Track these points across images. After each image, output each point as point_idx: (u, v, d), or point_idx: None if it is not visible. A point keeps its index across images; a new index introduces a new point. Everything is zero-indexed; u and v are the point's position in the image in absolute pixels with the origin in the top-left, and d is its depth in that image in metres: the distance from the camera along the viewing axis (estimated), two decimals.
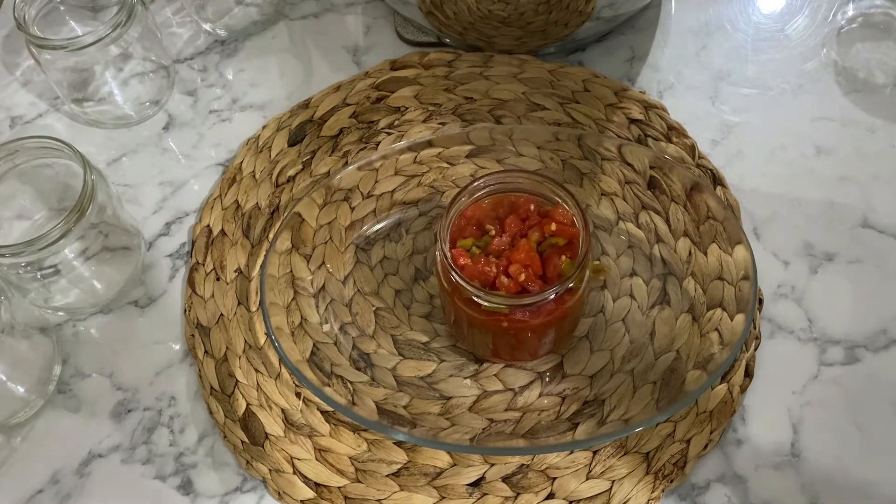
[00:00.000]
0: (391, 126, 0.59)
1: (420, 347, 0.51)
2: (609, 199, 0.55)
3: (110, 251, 0.54)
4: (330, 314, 0.52)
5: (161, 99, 0.62)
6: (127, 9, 0.55)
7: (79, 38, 0.54)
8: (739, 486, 0.47)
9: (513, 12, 0.57)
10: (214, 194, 0.57)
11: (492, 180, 0.48)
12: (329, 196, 0.55)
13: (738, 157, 0.58)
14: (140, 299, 0.55)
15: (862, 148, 0.58)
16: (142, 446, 0.50)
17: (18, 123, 0.62)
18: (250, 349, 0.51)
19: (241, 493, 0.48)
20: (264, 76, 0.64)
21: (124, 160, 0.60)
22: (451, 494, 0.47)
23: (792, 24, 0.64)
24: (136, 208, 0.58)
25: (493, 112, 0.59)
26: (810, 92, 0.60)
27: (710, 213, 0.52)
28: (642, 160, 0.55)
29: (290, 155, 0.58)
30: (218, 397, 0.50)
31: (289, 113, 0.61)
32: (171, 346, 0.53)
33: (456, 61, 0.62)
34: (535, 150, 0.56)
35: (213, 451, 0.50)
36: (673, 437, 0.48)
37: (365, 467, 0.48)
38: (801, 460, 0.48)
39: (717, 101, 0.60)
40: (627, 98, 0.59)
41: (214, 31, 0.65)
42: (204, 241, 0.55)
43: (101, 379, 0.52)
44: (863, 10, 0.64)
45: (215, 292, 0.53)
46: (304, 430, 0.49)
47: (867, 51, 0.62)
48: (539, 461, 0.48)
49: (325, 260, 0.54)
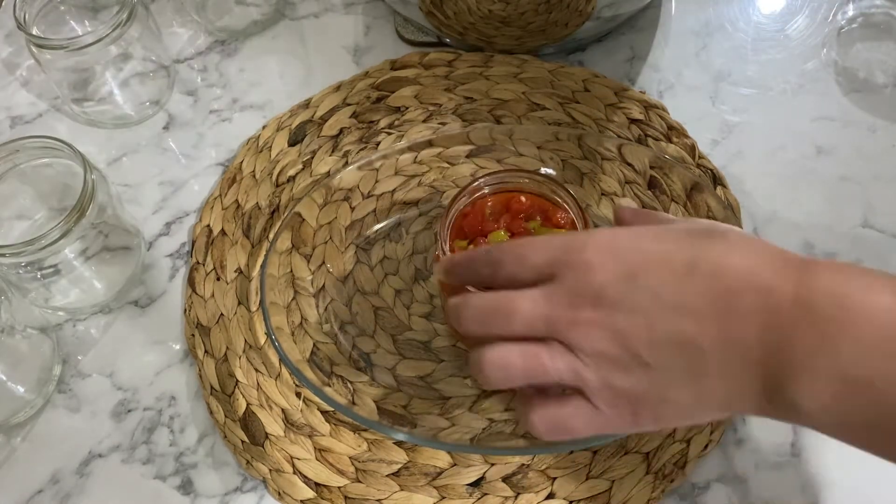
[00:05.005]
0: (391, 126, 0.59)
1: (420, 347, 0.51)
2: (609, 199, 0.55)
3: (110, 251, 0.54)
4: (330, 314, 0.52)
5: (161, 99, 0.62)
6: (127, 9, 0.55)
7: (79, 38, 0.54)
8: (739, 486, 0.47)
9: (513, 12, 0.57)
10: (214, 194, 0.57)
11: (492, 180, 0.48)
12: (329, 196, 0.55)
13: (739, 157, 0.58)
14: (140, 299, 0.55)
15: (862, 148, 0.58)
16: (142, 446, 0.50)
17: (18, 123, 0.62)
18: (250, 349, 0.51)
19: (241, 493, 0.48)
20: (264, 76, 0.64)
21: (124, 160, 0.60)
22: (452, 494, 0.47)
23: (792, 24, 0.64)
24: (136, 208, 0.58)
25: (493, 112, 0.59)
26: (810, 92, 0.60)
27: (710, 213, 0.52)
28: (642, 160, 0.55)
29: (290, 155, 0.58)
30: (218, 397, 0.50)
31: (289, 113, 0.61)
32: (171, 346, 0.53)
33: (456, 61, 0.62)
34: (536, 150, 0.56)
35: (213, 451, 0.50)
36: (673, 437, 0.48)
37: (365, 467, 0.48)
38: (801, 460, 0.48)
39: (718, 101, 0.60)
40: (627, 98, 0.59)
41: (214, 31, 0.65)
42: (204, 240, 0.55)
43: (101, 379, 0.52)
44: (863, 9, 0.64)
45: (215, 292, 0.53)
46: (305, 430, 0.49)
47: (867, 51, 0.62)
48: (539, 461, 0.48)
49: (325, 260, 0.54)
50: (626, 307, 0.33)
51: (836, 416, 0.31)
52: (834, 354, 0.30)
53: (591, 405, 0.35)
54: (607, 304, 0.34)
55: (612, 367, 0.34)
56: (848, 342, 0.30)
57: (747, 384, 0.32)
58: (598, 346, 0.34)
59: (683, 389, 0.33)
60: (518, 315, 0.35)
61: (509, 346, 0.36)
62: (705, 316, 0.32)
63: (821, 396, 0.31)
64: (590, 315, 0.34)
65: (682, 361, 0.33)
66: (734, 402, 0.33)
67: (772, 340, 0.31)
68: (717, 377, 0.33)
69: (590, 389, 0.35)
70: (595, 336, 0.34)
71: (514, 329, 0.36)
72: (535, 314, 0.35)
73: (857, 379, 0.30)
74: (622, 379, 0.34)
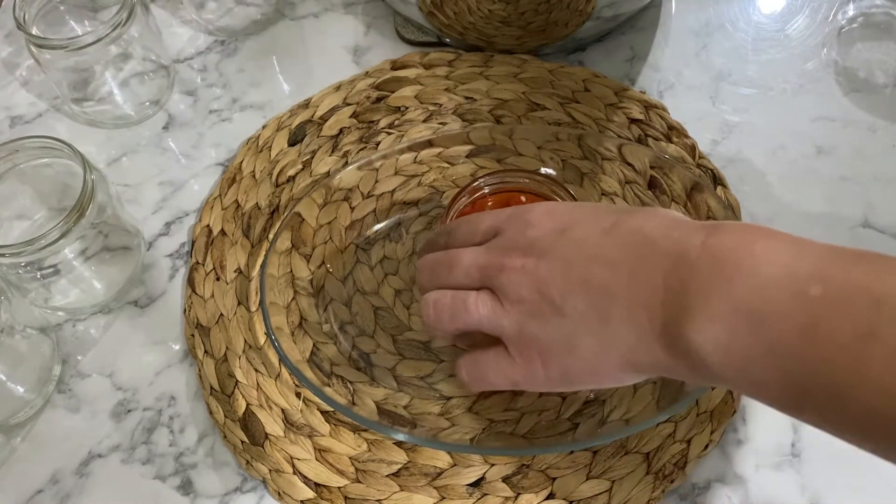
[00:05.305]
0: (391, 126, 0.59)
1: (420, 347, 0.51)
2: (609, 199, 0.55)
3: (110, 251, 0.54)
4: (330, 314, 0.52)
5: (161, 99, 0.62)
6: (127, 9, 0.55)
7: (79, 37, 0.54)
8: (740, 486, 0.47)
9: (513, 12, 0.57)
10: (214, 194, 0.57)
11: (492, 180, 0.48)
12: (329, 196, 0.55)
13: (739, 157, 0.58)
14: (140, 299, 0.55)
15: (862, 148, 0.58)
16: (142, 446, 0.50)
17: (18, 123, 0.62)
18: (250, 349, 0.51)
19: (241, 493, 0.48)
20: (264, 76, 0.64)
21: (124, 160, 0.60)
22: (452, 494, 0.47)
23: (792, 23, 0.64)
24: (136, 208, 0.58)
25: (493, 112, 0.59)
26: (811, 92, 0.60)
27: (710, 213, 0.52)
28: (642, 160, 0.55)
29: (290, 155, 0.58)
30: (218, 397, 0.50)
31: (289, 113, 0.61)
32: (171, 346, 0.53)
33: (456, 61, 0.62)
34: (536, 150, 0.56)
35: (213, 451, 0.50)
36: (673, 437, 0.48)
37: (365, 467, 0.48)
38: (801, 460, 0.48)
39: (718, 100, 0.60)
40: (628, 98, 0.59)
41: (214, 31, 0.65)
42: (204, 240, 0.55)
43: (101, 379, 0.52)
44: (863, 9, 0.64)
45: (215, 292, 0.53)
46: (304, 430, 0.49)
47: (868, 51, 0.62)
48: (539, 461, 0.48)
49: (325, 260, 0.54)
50: (550, 256, 0.37)
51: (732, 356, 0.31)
52: (728, 290, 0.31)
53: (507, 355, 0.38)
54: (535, 253, 0.37)
55: (529, 315, 0.37)
56: (741, 279, 0.31)
57: (649, 329, 0.34)
58: (520, 291, 0.37)
59: (590, 337, 0.35)
60: (459, 265, 0.40)
61: (444, 291, 0.40)
62: (619, 264, 0.35)
63: (715, 332, 0.31)
64: (518, 262, 0.37)
65: (592, 306, 0.35)
66: (636, 351, 0.34)
67: (674, 284, 0.33)
68: (622, 321, 0.34)
69: (506, 336, 0.38)
70: (518, 281, 0.37)
71: (454, 277, 0.40)
72: (473, 263, 0.39)
73: (750, 312, 0.31)
74: (535, 326, 0.37)
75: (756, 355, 0.31)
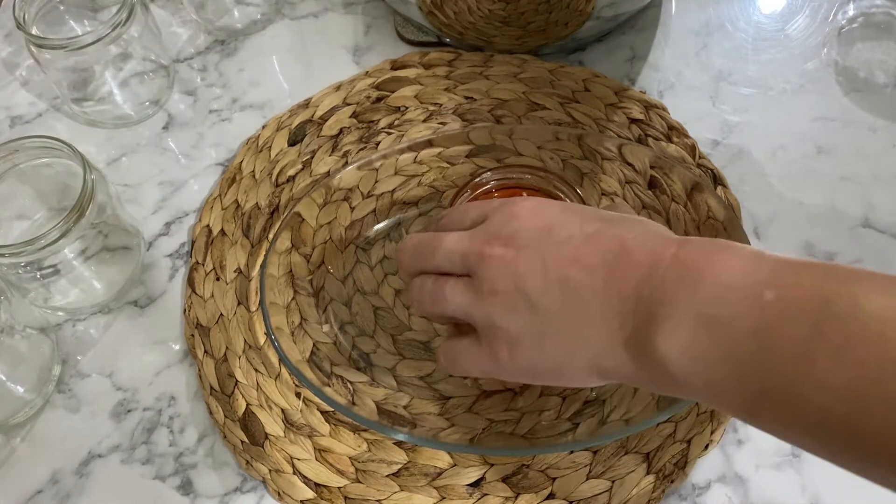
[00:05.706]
0: (391, 126, 0.59)
1: (420, 347, 0.51)
2: (609, 199, 0.55)
3: (110, 251, 0.54)
4: (330, 314, 0.52)
5: (161, 99, 0.62)
6: (127, 8, 0.55)
7: (79, 37, 0.54)
8: (740, 486, 0.47)
9: (513, 12, 0.57)
10: (214, 194, 0.57)
11: (496, 175, 0.48)
12: (329, 196, 0.55)
13: (739, 157, 0.58)
14: (140, 299, 0.55)
15: (862, 148, 0.58)
16: (141, 446, 0.50)
17: (18, 123, 0.62)
18: (250, 349, 0.51)
19: (240, 493, 0.48)
20: (264, 76, 0.64)
21: (124, 160, 0.60)
22: (452, 495, 0.47)
23: (792, 23, 0.64)
24: (136, 208, 0.58)
25: (493, 112, 0.59)
26: (811, 92, 0.60)
27: (710, 213, 0.52)
28: (643, 160, 0.55)
29: (290, 155, 0.58)
30: (218, 397, 0.50)
31: (289, 113, 0.60)
32: (171, 346, 0.53)
33: (456, 61, 0.62)
34: (536, 150, 0.56)
35: (212, 451, 0.50)
36: (674, 437, 0.48)
37: (365, 467, 0.48)
38: (801, 460, 0.48)
39: (718, 100, 0.60)
40: (628, 98, 0.59)
41: (214, 31, 0.65)
42: (204, 240, 0.55)
43: (101, 379, 0.52)
44: (863, 9, 0.64)
45: (215, 292, 0.53)
46: (304, 430, 0.49)
47: (868, 50, 0.62)
48: (539, 461, 0.48)
49: (325, 260, 0.54)
50: (530, 251, 0.37)
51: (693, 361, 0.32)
52: (692, 297, 0.32)
53: (479, 343, 0.38)
54: (516, 245, 0.37)
55: (502, 306, 0.37)
56: (703, 286, 0.32)
57: (619, 335, 0.34)
58: (496, 283, 0.37)
59: (559, 337, 0.36)
60: (441, 249, 0.40)
61: (427, 276, 0.41)
62: (595, 269, 0.35)
63: (680, 337, 0.32)
64: (498, 250, 0.38)
65: (566, 308, 0.36)
66: (604, 357, 0.35)
67: (645, 292, 0.34)
68: (593, 326, 0.35)
69: (478, 325, 0.38)
70: (496, 271, 0.37)
71: (435, 261, 0.40)
72: (455, 248, 0.39)
73: (709, 316, 0.31)
74: (507, 318, 0.37)
75: (714, 359, 0.31)
